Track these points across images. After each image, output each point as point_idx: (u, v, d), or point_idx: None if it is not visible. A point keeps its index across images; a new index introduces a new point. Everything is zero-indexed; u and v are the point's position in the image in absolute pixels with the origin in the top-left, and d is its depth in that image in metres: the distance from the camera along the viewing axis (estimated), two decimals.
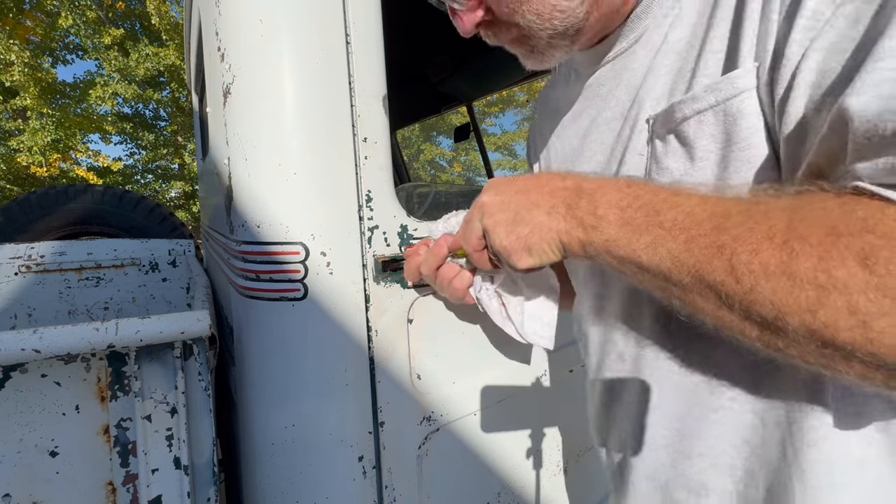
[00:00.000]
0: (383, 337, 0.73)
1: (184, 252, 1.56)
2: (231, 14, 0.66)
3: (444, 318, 0.81)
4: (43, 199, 2.16)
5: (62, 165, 8.98)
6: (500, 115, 17.71)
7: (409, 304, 0.76)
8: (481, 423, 0.87)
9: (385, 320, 0.73)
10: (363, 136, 0.70)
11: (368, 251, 0.71)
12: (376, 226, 0.72)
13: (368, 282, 0.71)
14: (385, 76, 0.73)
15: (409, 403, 0.76)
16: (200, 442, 0.66)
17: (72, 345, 0.54)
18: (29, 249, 1.35)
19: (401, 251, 0.75)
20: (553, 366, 1.01)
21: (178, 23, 8.55)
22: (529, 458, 0.98)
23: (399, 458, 0.75)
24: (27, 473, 0.56)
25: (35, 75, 7.77)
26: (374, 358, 0.72)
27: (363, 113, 0.70)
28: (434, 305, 0.80)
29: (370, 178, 0.71)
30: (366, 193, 0.71)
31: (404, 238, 0.75)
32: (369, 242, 0.72)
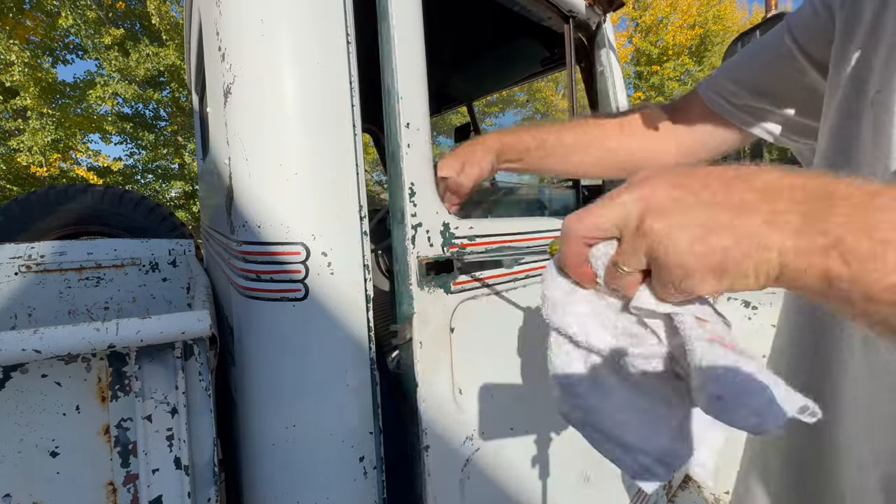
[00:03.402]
0: (428, 351, 0.67)
1: (184, 252, 1.55)
2: (232, 14, 0.66)
3: (484, 326, 0.77)
4: (43, 199, 2.16)
5: (62, 165, 8.97)
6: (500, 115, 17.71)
7: (451, 310, 0.71)
8: (520, 438, 0.83)
9: (430, 331, 0.68)
10: (405, 121, 0.65)
11: (412, 252, 0.66)
12: (419, 223, 0.67)
13: (414, 287, 0.67)
14: (424, 57, 0.68)
15: (453, 423, 0.71)
16: (201, 442, 0.66)
17: (72, 345, 0.54)
18: (29, 249, 1.35)
19: (443, 252, 0.70)
20: None
21: (179, 23, 8.54)
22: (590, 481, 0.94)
23: (443, 486, 0.70)
24: (28, 473, 0.55)
25: (35, 75, 7.76)
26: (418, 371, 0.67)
27: (405, 95, 0.65)
28: (475, 311, 0.74)
29: (413, 169, 0.65)
30: (409, 186, 0.65)
31: (447, 238, 0.71)
32: (413, 242, 0.66)
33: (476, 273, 0.73)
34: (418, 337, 0.67)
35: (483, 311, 0.76)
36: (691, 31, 14.64)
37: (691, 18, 14.62)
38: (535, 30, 1.27)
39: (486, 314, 0.77)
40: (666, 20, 15.05)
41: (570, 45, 1.06)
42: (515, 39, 1.55)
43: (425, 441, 0.68)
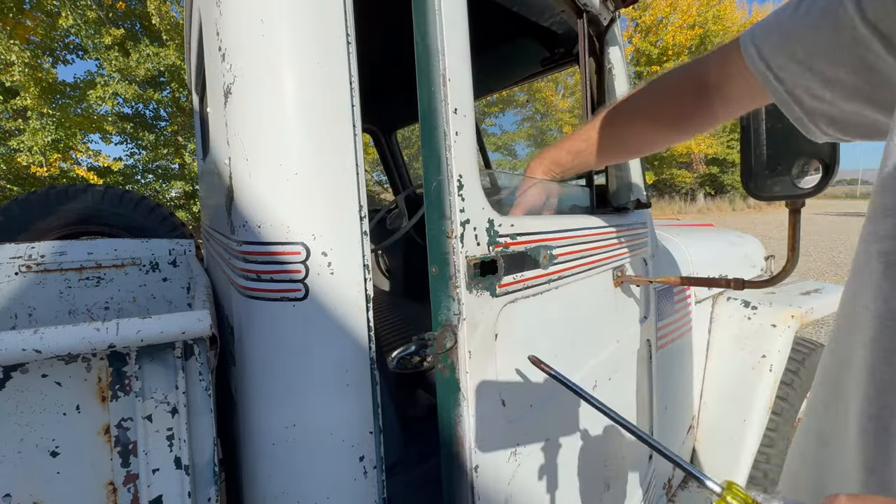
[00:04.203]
0: (477, 360, 0.63)
1: (184, 252, 1.56)
2: (232, 14, 0.66)
3: (524, 330, 0.74)
4: (43, 199, 2.16)
5: (62, 165, 8.97)
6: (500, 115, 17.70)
7: (496, 314, 0.67)
8: (553, 449, 0.80)
9: (478, 338, 0.63)
10: (453, 106, 0.60)
11: (460, 251, 0.61)
12: (467, 220, 0.62)
13: (461, 289, 0.64)
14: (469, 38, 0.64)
15: (500, 439, 0.68)
16: (201, 442, 0.66)
17: (72, 345, 0.54)
18: (29, 249, 1.35)
19: (489, 251, 0.65)
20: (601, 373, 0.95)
21: (179, 23, 8.54)
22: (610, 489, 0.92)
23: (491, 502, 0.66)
24: (28, 473, 0.55)
25: (35, 75, 7.77)
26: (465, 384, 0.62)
27: (453, 78, 0.60)
28: (516, 315, 0.71)
29: (462, 159, 0.60)
30: (457, 179, 0.60)
31: (492, 236, 0.66)
32: (461, 240, 0.61)
33: (518, 274, 0.70)
34: (467, 346, 0.62)
35: (523, 315, 0.73)
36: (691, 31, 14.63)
37: (691, 18, 14.61)
38: (535, 30, 1.27)
39: (526, 318, 0.74)
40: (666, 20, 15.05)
41: (584, 39, 1.04)
42: (515, 39, 1.55)
43: (475, 461, 0.63)
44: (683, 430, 1.65)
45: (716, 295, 1.87)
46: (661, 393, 1.37)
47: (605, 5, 1.09)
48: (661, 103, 0.71)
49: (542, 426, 0.80)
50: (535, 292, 0.76)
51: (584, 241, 0.92)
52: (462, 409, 0.65)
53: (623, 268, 1.09)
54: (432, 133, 0.65)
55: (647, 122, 0.74)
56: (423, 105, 0.65)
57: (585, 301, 0.93)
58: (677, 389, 1.55)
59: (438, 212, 0.65)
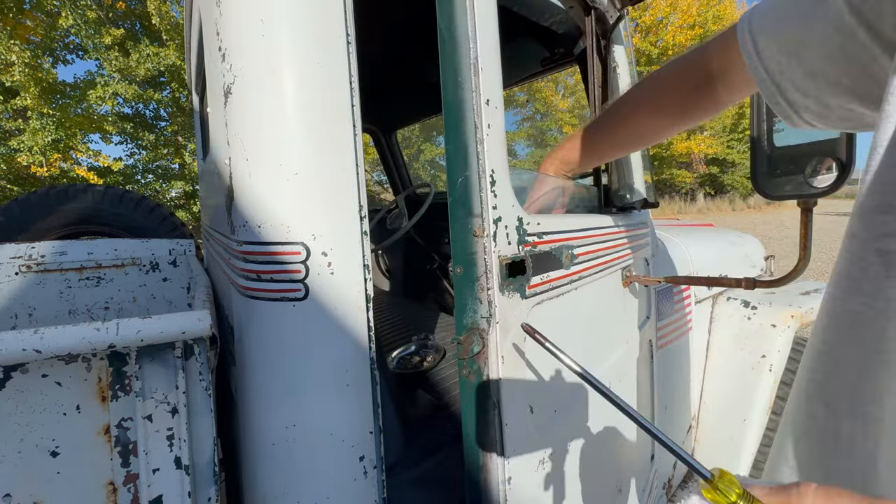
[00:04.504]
0: (509, 364, 0.60)
1: (184, 252, 1.56)
2: (232, 14, 0.66)
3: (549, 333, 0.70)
4: (43, 199, 2.16)
5: (62, 165, 8.97)
6: None
7: (526, 316, 0.64)
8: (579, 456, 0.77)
9: (509, 341, 0.61)
10: (485, 97, 0.58)
11: (493, 251, 0.59)
12: (499, 217, 0.60)
13: (491, 289, 0.61)
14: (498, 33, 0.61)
15: (530, 447, 0.66)
16: (201, 442, 0.66)
17: (72, 345, 0.54)
18: (29, 249, 1.35)
19: (519, 251, 0.63)
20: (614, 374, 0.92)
21: (179, 23, 8.54)
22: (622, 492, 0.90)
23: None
24: (28, 473, 0.55)
25: (35, 75, 7.76)
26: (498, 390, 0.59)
27: (485, 66, 0.58)
28: (542, 317, 0.68)
29: (494, 153, 0.58)
30: (490, 174, 0.58)
31: (521, 235, 0.64)
32: (494, 239, 0.58)
33: (545, 274, 0.67)
34: (499, 350, 0.59)
35: (546, 317, 0.70)
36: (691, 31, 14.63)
37: (691, 18, 14.61)
38: (535, 30, 1.27)
39: (549, 320, 0.71)
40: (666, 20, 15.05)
41: (593, 36, 1.03)
42: (515, 39, 1.55)
43: (507, 472, 0.60)
44: (683, 430, 1.65)
45: (716, 295, 1.87)
46: (662, 393, 1.36)
47: (612, 3, 1.08)
48: (665, 93, 0.70)
49: (565, 432, 0.77)
50: (558, 293, 0.73)
51: (599, 241, 0.90)
52: (492, 416, 0.61)
53: (630, 268, 1.08)
54: (459, 126, 0.61)
55: (652, 112, 0.73)
56: (449, 96, 0.62)
57: (600, 302, 0.91)
58: (677, 389, 1.55)
59: (466, 209, 0.62)
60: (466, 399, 0.65)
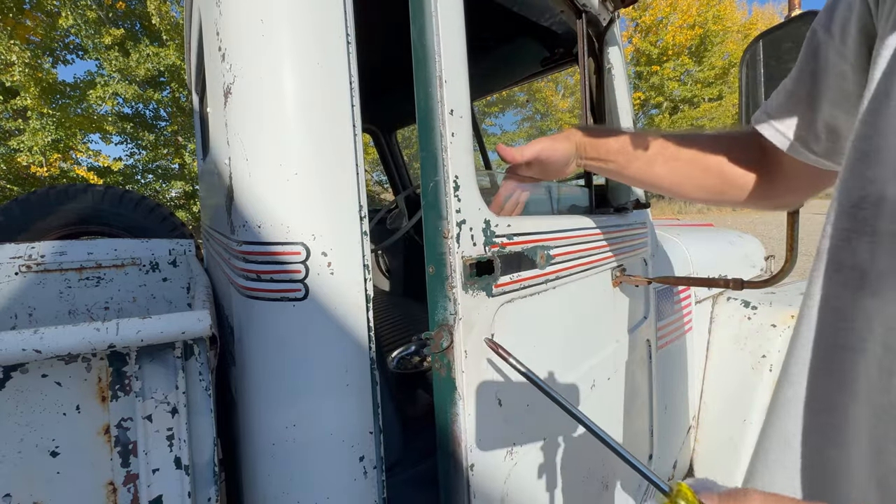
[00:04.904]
0: (472, 360, 0.64)
1: (184, 252, 1.56)
2: (232, 14, 0.66)
3: (519, 330, 0.73)
4: (43, 199, 2.16)
5: (62, 165, 8.97)
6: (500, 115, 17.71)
7: (493, 314, 0.67)
8: (551, 448, 0.80)
9: (473, 338, 0.64)
10: (449, 108, 0.61)
11: (456, 251, 0.62)
12: (464, 220, 0.63)
13: (457, 289, 0.64)
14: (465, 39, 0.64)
15: (495, 438, 0.68)
16: (201, 442, 0.66)
17: (72, 345, 0.54)
18: (29, 249, 1.35)
19: (485, 252, 0.66)
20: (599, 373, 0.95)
21: (179, 23, 8.54)
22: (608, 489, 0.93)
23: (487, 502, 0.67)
24: (28, 473, 0.56)
25: (35, 75, 7.77)
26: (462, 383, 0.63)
27: (450, 79, 0.61)
28: (511, 315, 0.71)
29: (458, 160, 0.61)
30: (453, 180, 0.61)
31: (488, 236, 0.67)
32: (457, 241, 0.62)
33: (514, 274, 0.70)
34: (463, 345, 0.63)
35: (519, 315, 0.73)
36: (691, 31, 14.63)
37: (691, 18, 14.61)
38: (535, 30, 1.27)
39: (522, 318, 0.74)
40: (666, 20, 15.05)
41: (584, 40, 1.04)
42: (515, 39, 1.55)
43: (470, 459, 0.63)
44: (683, 430, 1.65)
45: (716, 295, 1.87)
46: (661, 393, 1.36)
47: (604, 6, 1.09)
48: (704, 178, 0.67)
49: (539, 425, 0.80)
50: (532, 292, 0.76)
51: (582, 242, 0.92)
52: (458, 407, 0.66)
53: (622, 268, 1.09)
54: (429, 134, 0.65)
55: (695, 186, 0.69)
56: (421, 106, 0.66)
57: (584, 301, 0.93)
58: (677, 389, 1.55)
59: (435, 212, 0.66)
60: (437, 392, 0.69)
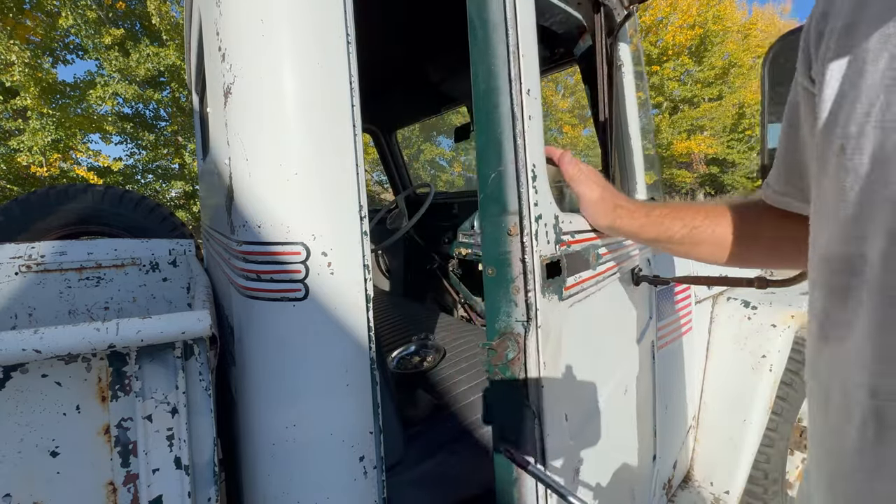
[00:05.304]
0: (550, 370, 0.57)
1: (184, 252, 1.56)
2: (232, 14, 0.66)
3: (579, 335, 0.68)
4: (43, 199, 2.16)
5: (62, 165, 8.97)
6: None
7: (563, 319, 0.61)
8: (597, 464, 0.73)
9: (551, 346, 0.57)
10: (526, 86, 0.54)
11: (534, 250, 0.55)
12: (540, 215, 0.56)
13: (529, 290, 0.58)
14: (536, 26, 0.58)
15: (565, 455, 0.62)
16: (201, 442, 0.66)
17: (72, 345, 0.54)
18: (29, 249, 1.35)
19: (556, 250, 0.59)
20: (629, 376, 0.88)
21: (179, 23, 8.54)
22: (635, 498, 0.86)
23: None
24: (28, 473, 0.55)
25: (35, 75, 7.76)
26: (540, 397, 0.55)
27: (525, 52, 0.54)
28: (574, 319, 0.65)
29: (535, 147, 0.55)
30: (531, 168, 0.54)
31: (557, 234, 0.61)
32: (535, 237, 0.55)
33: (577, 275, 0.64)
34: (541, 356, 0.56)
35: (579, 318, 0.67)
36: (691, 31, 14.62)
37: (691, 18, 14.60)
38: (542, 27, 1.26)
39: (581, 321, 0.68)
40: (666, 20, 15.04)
41: (602, 34, 1.00)
42: None
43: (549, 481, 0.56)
44: (683, 430, 1.65)
45: (716, 295, 1.87)
46: (662, 393, 1.36)
47: (620, 1, 1.07)
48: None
49: (588, 439, 0.75)
50: (586, 294, 0.70)
51: (612, 242, 0.87)
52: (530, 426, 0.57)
53: (639, 268, 1.06)
54: (492, 117, 0.57)
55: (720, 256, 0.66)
56: (481, 86, 0.58)
57: (616, 303, 0.88)
58: (677, 389, 1.55)
59: (499, 206, 0.58)
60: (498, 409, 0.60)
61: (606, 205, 0.70)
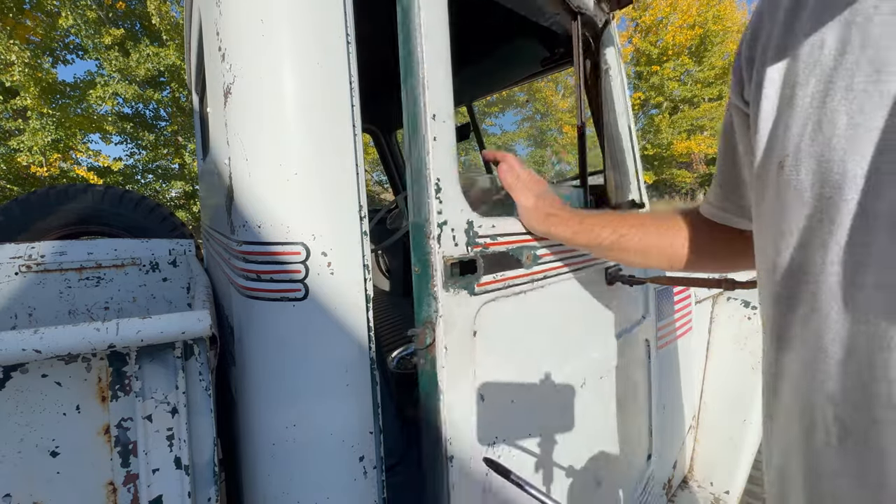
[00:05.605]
0: (454, 357, 0.66)
1: (184, 252, 1.56)
2: (232, 14, 0.66)
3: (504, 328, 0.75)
4: (43, 199, 2.16)
5: (62, 165, 8.97)
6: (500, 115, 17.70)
7: (475, 312, 0.69)
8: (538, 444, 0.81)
9: (455, 335, 0.66)
10: (431, 112, 0.63)
11: (437, 251, 0.65)
12: (445, 221, 0.65)
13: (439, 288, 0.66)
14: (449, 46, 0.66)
15: (474, 432, 0.70)
16: (201, 442, 0.66)
17: (72, 345, 0.54)
18: (29, 249, 1.35)
19: (468, 252, 0.68)
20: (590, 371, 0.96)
21: (179, 23, 8.54)
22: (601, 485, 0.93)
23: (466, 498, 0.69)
24: (28, 473, 0.56)
25: (35, 75, 7.76)
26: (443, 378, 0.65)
27: (432, 84, 0.63)
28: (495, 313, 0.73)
29: (440, 163, 0.64)
30: (435, 182, 0.63)
31: (471, 237, 0.69)
32: (438, 241, 0.64)
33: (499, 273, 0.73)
34: (443, 341, 0.65)
35: (503, 314, 0.75)
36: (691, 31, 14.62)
37: (691, 18, 14.60)
38: (535, 30, 1.27)
39: (507, 316, 0.76)
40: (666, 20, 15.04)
41: (579, 42, 1.05)
42: (515, 39, 1.55)
43: (450, 451, 0.65)
44: (683, 430, 1.65)
45: (716, 295, 1.87)
46: (661, 393, 1.36)
47: (599, 7, 1.09)
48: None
49: (525, 422, 0.81)
50: (517, 291, 0.78)
51: None
52: (439, 402, 0.67)
53: (618, 268, 1.09)
54: (414, 138, 0.67)
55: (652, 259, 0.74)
56: (407, 111, 0.67)
57: (575, 300, 0.94)
58: (677, 389, 1.55)
59: (421, 214, 0.68)
60: (421, 386, 0.71)
61: (539, 213, 0.77)
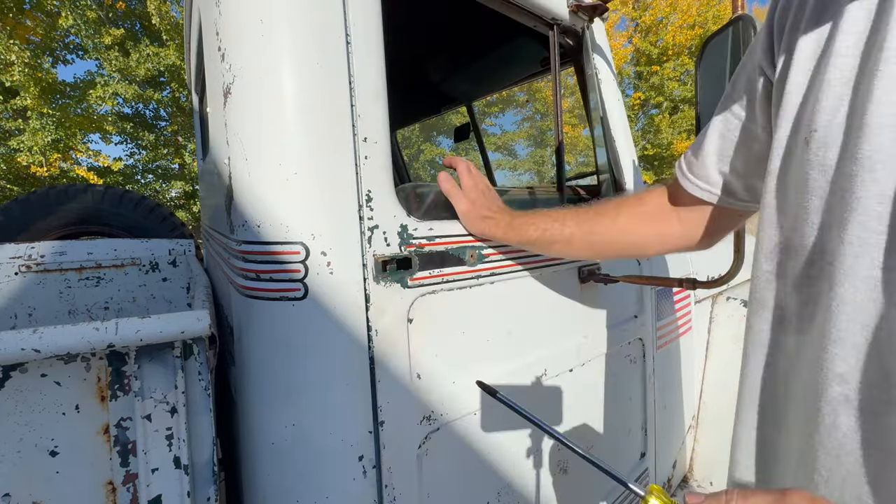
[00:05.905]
0: (383, 337, 0.73)
1: (184, 252, 1.56)
2: (231, 14, 0.66)
3: (444, 318, 0.81)
4: (43, 199, 2.16)
5: (62, 165, 8.97)
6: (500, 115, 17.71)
7: (409, 303, 0.76)
8: (481, 422, 0.87)
9: (385, 320, 0.73)
10: (363, 136, 0.70)
11: (368, 251, 0.71)
12: (376, 225, 0.72)
13: (369, 281, 0.71)
14: (385, 76, 0.73)
15: (409, 403, 0.76)
16: (200, 441, 0.66)
17: (72, 344, 0.54)
18: (29, 249, 1.35)
19: (401, 251, 0.75)
20: (553, 364, 1.01)
21: (179, 23, 8.54)
22: (530, 457, 0.97)
23: (399, 457, 0.74)
24: (27, 473, 0.56)
25: (35, 75, 7.76)
26: (375, 357, 0.72)
27: (363, 113, 0.70)
28: (434, 304, 0.80)
29: (370, 177, 0.71)
30: (366, 193, 0.71)
31: (404, 238, 0.75)
32: (369, 242, 0.71)
33: (436, 269, 0.80)
34: (374, 325, 0.71)
35: (445, 305, 0.81)
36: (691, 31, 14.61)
37: (691, 18, 14.60)
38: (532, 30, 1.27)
39: (448, 307, 0.81)
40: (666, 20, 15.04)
41: (556, 51, 1.08)
42: (515, 40, 1.55)
43: (380, 417, 0.72)
44: (683, 429, 1.65)
45: (715, 295, 1.87)
46: (660, 392, 1.37)
47: (577, 16, 1.11)
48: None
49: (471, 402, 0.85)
50: (460, 286, 0.83)
51: None
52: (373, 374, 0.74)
53: (596, 266, 1.11)
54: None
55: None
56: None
57: (536, 296, 0.98)
58: (676, 389, 1.55)
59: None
60: None
61: (474, 215, 0.84)
